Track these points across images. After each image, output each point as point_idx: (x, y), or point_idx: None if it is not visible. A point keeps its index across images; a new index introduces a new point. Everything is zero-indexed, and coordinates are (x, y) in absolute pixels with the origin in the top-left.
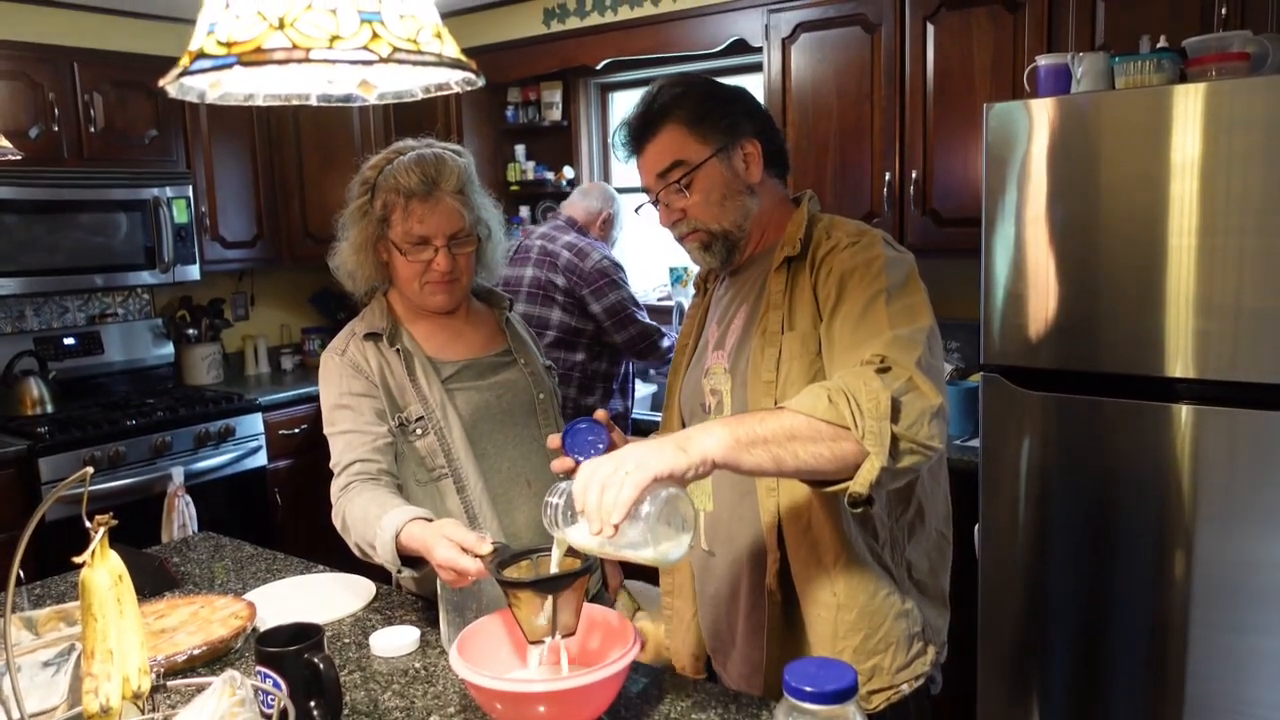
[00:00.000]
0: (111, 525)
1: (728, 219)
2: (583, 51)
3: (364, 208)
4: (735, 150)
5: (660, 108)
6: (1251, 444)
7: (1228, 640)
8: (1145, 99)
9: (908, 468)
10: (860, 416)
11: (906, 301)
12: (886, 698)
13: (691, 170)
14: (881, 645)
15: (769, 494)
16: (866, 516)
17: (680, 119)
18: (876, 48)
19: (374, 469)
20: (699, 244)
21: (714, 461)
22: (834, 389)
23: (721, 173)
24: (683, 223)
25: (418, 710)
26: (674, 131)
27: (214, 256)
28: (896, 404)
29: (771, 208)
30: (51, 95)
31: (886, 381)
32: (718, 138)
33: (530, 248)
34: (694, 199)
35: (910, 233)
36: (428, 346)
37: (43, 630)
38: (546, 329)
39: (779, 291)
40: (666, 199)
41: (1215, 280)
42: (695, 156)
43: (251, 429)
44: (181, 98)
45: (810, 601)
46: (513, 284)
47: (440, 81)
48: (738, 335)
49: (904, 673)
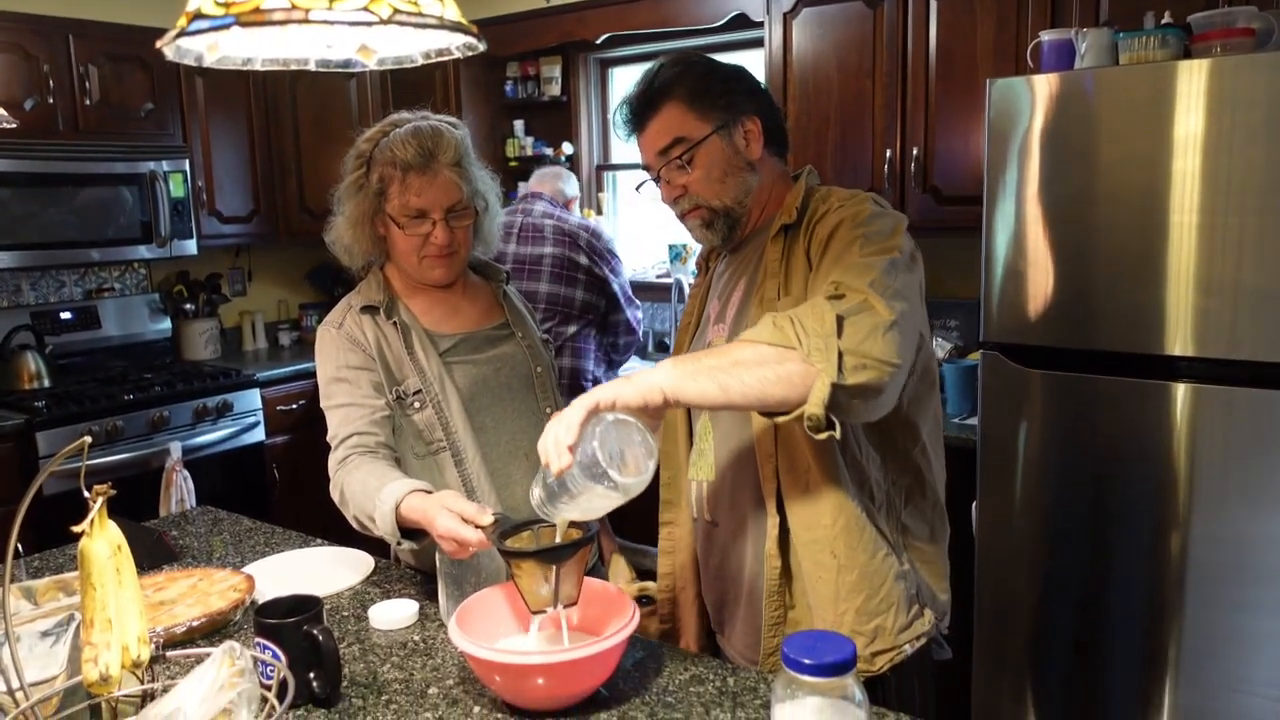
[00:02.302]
0: (110, 495)
1: (729, 195)
2: (582, 26)
3: (360, 181)
4: (736, 127)
5: (661, 85)
6: (1250, 422)
7: (1224, 619)
8: (1148, 75)
9: (864, 384)
10: (805, 335)
11: (882, 243)
12: (890, 658)
13: (692, 147)
14: (883, 606)
15: (767, 459)
16: (863, 479)
17: (681, 96)
18: (879, 23)
19: (372, 442)
20: (701, 221)
21: (662, 391)
22: (782, 315)
23: (722, 149)
24: (684, 199)
25: (416, 682)
26: (675, 109)
27: (211, 231)
28: (842, 321)
29: (771, 184)
30: (46, 67)
31: (836, 304)
32: (718, 115)
33: (542, 227)
34: (695, 175)
35: (910, 210)
36: (425, 320)
37: (41, 600)
38: (571, 308)
39: (775, 260)
40: (668, 176)
41: (1216, 258)
42: (696, 133)
43: (249, 404)
44: (179, 60)
45: (812, 564)
46: (531, 262)
47: (441, 46)
48: (737, 307)
49: (905, 633)
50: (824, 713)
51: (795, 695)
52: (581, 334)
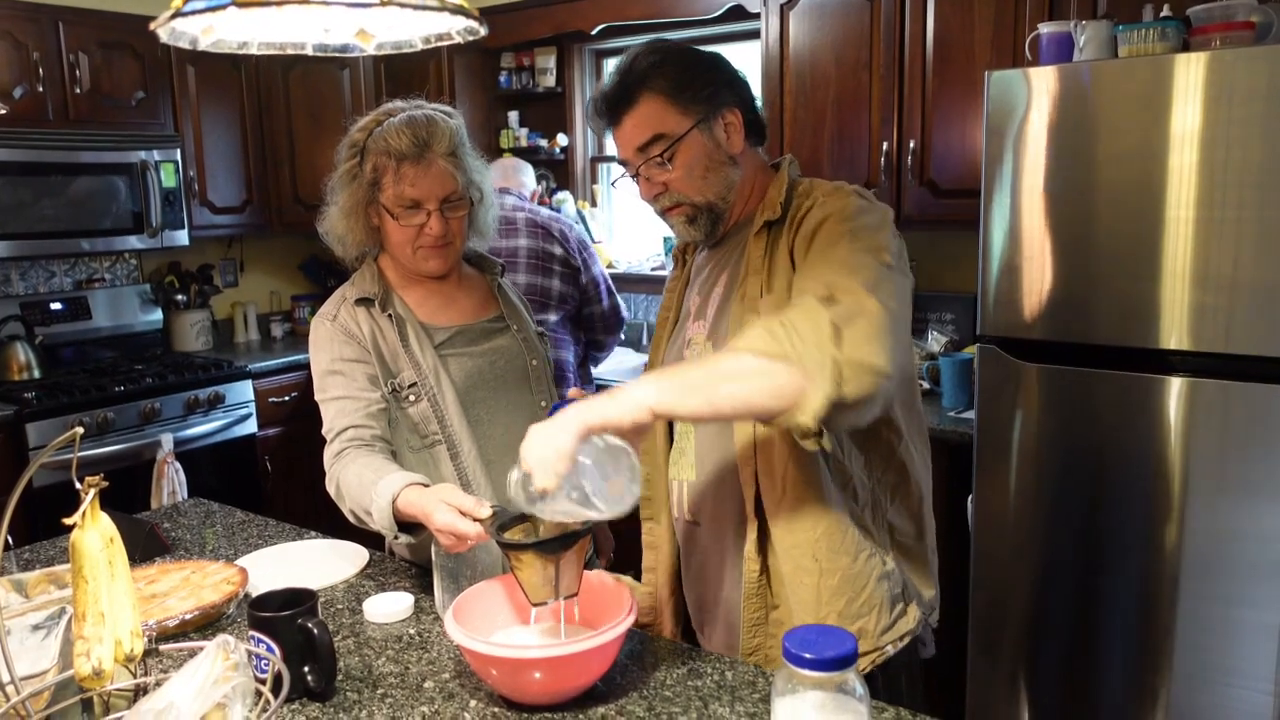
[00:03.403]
0: (102, 487)
1: (711, 191)
2: (577, 16)
3: (353, 171)
4: (716, 120)
5: (638, 77)
6: (1245, 417)
7: (1217, 612)
8: (1147, 68)
9: (859, 396)
10: (800, 344)
11: (871, 241)
12: (872, 660)
13: (673, 144)
14: (865, 608)
15: (747, 462)
16: (846, 479)
17: (660, 89)
18: (876, 15)
19: (367, 435)
20: (684, 218)
21: (650, 408)
22: (775, 321)
23: (704, 144)
24: (664, 196)
25: (412, 676)
26: (653, 102)
27: (203, 222)
28: (839, 330)
29: (753, 176)
30: (36, 55)
31: (830, 308)
32: (699, 108)
33: (515, 219)
34: (676, 173)
35: (907, 203)
36: (420, 312)
37: (32, 593)
38: (549, 299)
39: (759, 256)
40: (647, 173)
41: (1212, 253)
42: (677, 128)
43: (241, 396)
44: (173, 43)
45: (792, 567)
46: (508, 255)
47: (441, 31)
48: (718, 303)
49: (888, 634)
50: (825, 707)
51: (796, 690)
52: (560, 324)
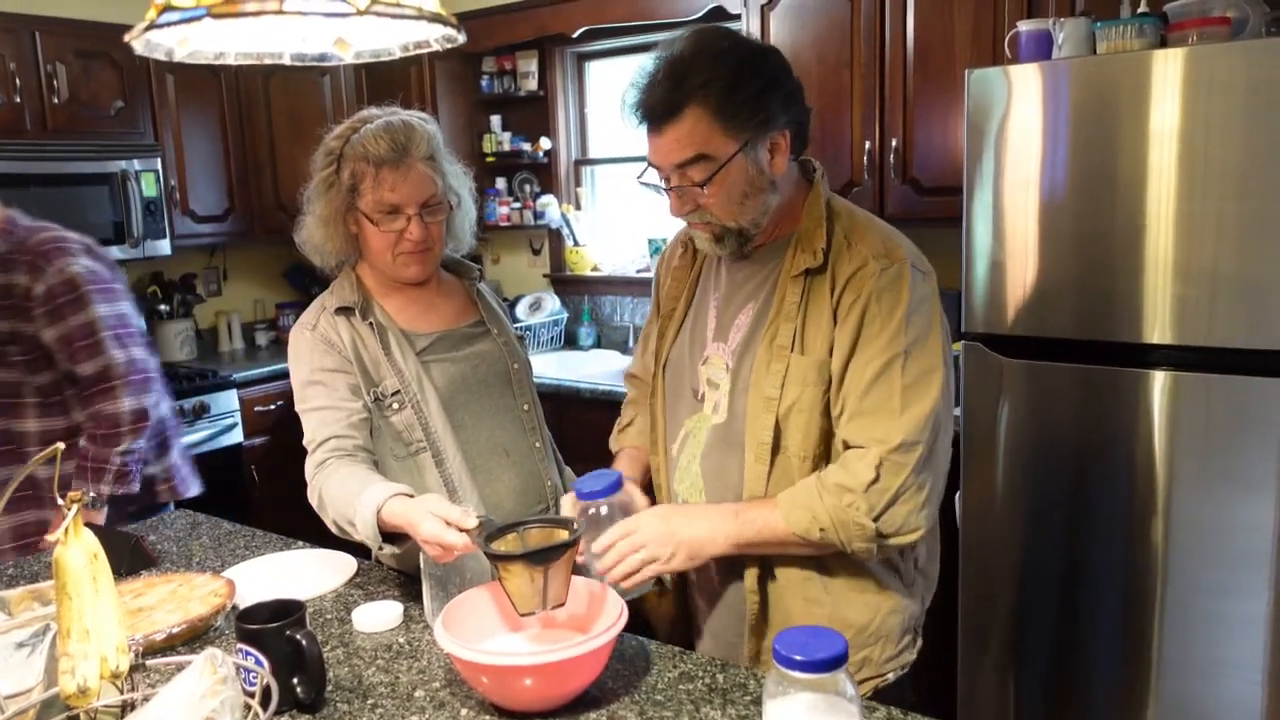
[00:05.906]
0: (85, 502)
1: (746, 217)
2: (558, 19)
3: (330, 179)
4: (763, 142)
5: (689, 89)
6: (1227, 409)
7: (1203, 603)
8: (1125, 64)
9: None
10: (846, 540)
11: (923, 365)
12: (874, 685)
13: (716, 169)
14: (872, 639)
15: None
16: None
17: (710, 106)
18: (856, 15)
19: (349, 445)
20: (710, 235)
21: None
22: (825, 520)
23: (746, 169)
24: (696, 214)
25: (403, 685)
26: (700, 119)
27: (184, 231)
28: (883, 516)
29: (790, 195)
30: (13, 65)
31: (875, 498)
32: (748, 131)
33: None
34: (712, 197)
35: (890, 202)
36: (401, 319)
37: (16, 610)
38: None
39: (794, 304)
40: (681, 190)
41: (1193, 246)
42: (722, 152)
43: (226, 406)
44: (148, 55)
45: (802, 601)
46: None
47: (419, 39)
48: (743, 334)
49: (892, 662)
50: (816, 709)
51: (787, 692)
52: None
